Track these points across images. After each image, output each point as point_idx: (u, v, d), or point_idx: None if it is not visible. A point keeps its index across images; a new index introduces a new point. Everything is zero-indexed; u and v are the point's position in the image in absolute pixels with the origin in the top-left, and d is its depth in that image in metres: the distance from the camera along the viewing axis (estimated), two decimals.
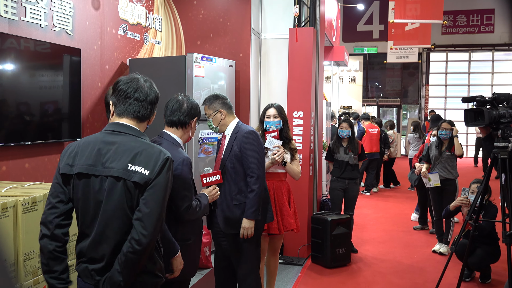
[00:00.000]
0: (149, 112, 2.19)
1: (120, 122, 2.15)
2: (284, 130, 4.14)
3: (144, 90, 2.16)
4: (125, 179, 2.01)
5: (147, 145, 2.09)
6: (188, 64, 4.70)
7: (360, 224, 7.42)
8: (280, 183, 4.11)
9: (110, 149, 2.07)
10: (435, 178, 6.00)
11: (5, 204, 2.54)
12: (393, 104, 20.30)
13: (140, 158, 2.03)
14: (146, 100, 2.16)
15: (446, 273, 4.32)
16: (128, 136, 2.11)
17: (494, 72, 18.87)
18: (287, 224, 4.01)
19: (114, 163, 2.03)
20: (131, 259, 1.98)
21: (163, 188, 2.04)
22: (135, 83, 2.16)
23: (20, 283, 2.63)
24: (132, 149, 2.06)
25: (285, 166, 4.05)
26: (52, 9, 3.90)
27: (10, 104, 3.49)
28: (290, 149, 4.14)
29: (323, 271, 5.35)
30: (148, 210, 1.99)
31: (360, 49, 18.16)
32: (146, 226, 1.97)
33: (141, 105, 2.16)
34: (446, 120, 6.28)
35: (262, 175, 3.43)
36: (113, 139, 2.10)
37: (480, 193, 4.08)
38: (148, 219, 1.98)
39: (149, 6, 5.43)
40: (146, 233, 1.97)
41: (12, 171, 3.56)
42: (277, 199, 4.04)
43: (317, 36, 6.02)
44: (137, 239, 1.96)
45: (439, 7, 10.08)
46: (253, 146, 3.42)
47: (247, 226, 3.39)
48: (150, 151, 2.06)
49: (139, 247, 1.96)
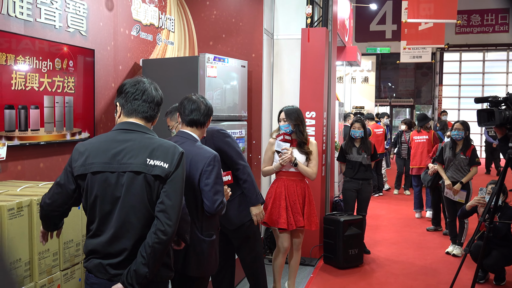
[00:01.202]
0: (155, 112, 2.30)
1: (131, 121, 2.23)
2: (296, 132, 4.27)
3: (151, 92, 2.26)
4: (145, 173, 2.09)
5: (161, 141, 2.20)
6: (201, 65, 4.72)
7: (373, 225, 7.38)
8: (293, 182, 4.29)
9: (125, 146, 2.14)
10: (461, 195, 5.95)
11: (20, 204, 2.57)
12: (406, 105, 20.16)
13: (158, 153, 2.13)
14: (153, 101, 2.26)
15: (460, 274, 4.28)
16: (141, 134, 2.20)
17: (508, 72, 18.66)
18: (296, 221, 4.22)
19: (132, 159, 2.11)
20: (158, 250, 2.06)
21: (181, 180, 2.16)
22: (142, 85, 2.25)
23: (35, 282, 2.65)
24: (148, 145, 2.15)
25: (296, 167, 4.24)
26: (66, 10, 3.93)
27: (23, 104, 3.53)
28: (305, 152, 4.29)
29: (335, 272, 5.33)
30: (171, 202, 2.09)
31: (373, 49, 18.07)
32: (171, 217, 2.08)
33: (149, 106, 2.25)
34: (459, 121, 6.23)
35: (245, 163, 3.58)
36: (126, 137, 2.18)
37: (494, 194, 4.05)
38: (171, 210, 2.09)
39: (162, 6, 5.45)
40: (171, 223, 2.07)
41: (27, 171, 3.60)
42: (288, 196, 4.24)
43: (330, 36, 6.00)
44: (163, 229, 2.06)
45: (453, 7, 10.00)
46: (226, 142, 3.51)
47: (256, 212, 3.63)
48: (166, 146, 2.17)
49: (165, 237, 2.06)
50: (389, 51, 17.99)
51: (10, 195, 2.74)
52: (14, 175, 3.47)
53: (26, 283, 2.61)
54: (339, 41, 8.25)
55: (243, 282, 4.72)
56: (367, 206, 5.96)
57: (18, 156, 3.50)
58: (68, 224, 2.88)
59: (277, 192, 4.26)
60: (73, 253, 2.95)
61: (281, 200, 4.21)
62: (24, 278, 2.60)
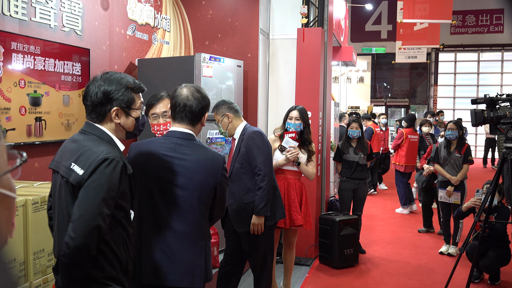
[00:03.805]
0: (97, 112, 2.09)
1: (87, 121, 2.12)
2: (305, 132, 4.37)
3: (89, 89, 2.09)
4: (67, 178, 1.95)
5: (98, 145, 1.99)
6: (196, 64, 4.71)
7: (368, 225, 7.39)
8: (292, 180, 4.31)
9: (71, 147, 2.04)
10: (456, 196, 5.97)
11: (15, 204, 2.55)
12: (402, 105, 20.21)
13: (82, 157, 1.95)
14: (88, 99, 2.10)
15: (455, 274, 4.30)
16: (90, 136, 2.05)
17: (503, 72, 18.74)
18: (294, 219, 4.22)
19: (64, 161, 2.01)
20: (64, 263, 1.86)
21: (95, 189, 1.90)
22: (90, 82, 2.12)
23: (30, 282, 2.64)
24: (81, 148, 1.98)
25: (299, 166, 4.28)
26: (61, 10, 3.92)
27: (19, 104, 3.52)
28: (308, 151, 4.34)
29: (331, 272, 5.34)
30: (78, 213, 1.86)
31: (368, 49, 18.11)
32: (76, 229, 1.84)
33: (90, 104, 2.10)
34: (452, 121, 6.29)
35: (269, 173, 3.54)
36: (78, 137, 2.08)
37: (489, 193, 4.06)
38: (77, 222, 1.85)
39: (158, 6, 5.44)
40: (74, 236, 1.83)
41: (22, 171, 3.57)
42: (287, 195, 4.25)
43: (325, 36, 6.01)
44: (66, 241, 1.84)
45: (448, 7, 10.04)
46: (258, 145, 3.53)
47: (256, 222, 3.55)
48: (93, 150, 1.95)
49: (68, 250, 1.83)
50: (384, 51, 18.04)
51: None
52: None
53: (21, 284, 2.60)
54: (334, 41, 8.27)
55: (242, 278, 4.71)
56: (363, 206, 5.97)
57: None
58: None
59: None
60: None
61: None
62: (18, 279, 2.58)
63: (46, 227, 2.80)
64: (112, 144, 2.03)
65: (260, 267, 3.69)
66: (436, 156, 6.20)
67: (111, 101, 2.05)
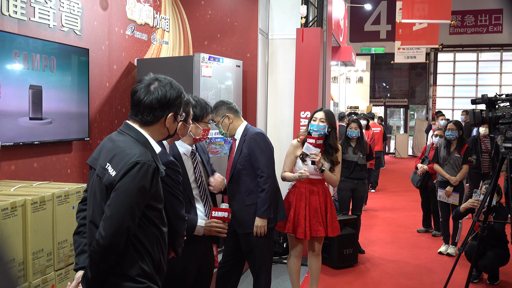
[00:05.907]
0: (152, 117, 2.12)
1: (126, 122, 2.16)
2: (331, 137, 4.03)
3: (139, 96, 2.11)
4: (101, 177, 2.01)
5: (133, 147, 2.02)
6: (196, 64, 4.71)
7: (367, 225, 7.39)
8: (315, 188, 4.08)
9: (108, 146, 2.09)
10: (454, 197, 5.97)
11: (14, 203, 2.55)
12: (401, 105, 20.22)
13: (116, 159, 1.99)
14: (141, 104, 2.12)
15: (454, 274, 4.30)
16: (127, 137, 2.09)
17: (502, 72, 18.75)
18: (316, 230, 4.03)
19: (101, 160, 2.06)
20: (93, 258, 1.96)
21: (127, 192, 1.95)
22: (135, 87, 2.15)
23: (29, 282, 2.64)
24: (116, 149, 2.03)
25: (322, 173, 4.00)
26: (60, 9, 3.91)
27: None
28: (331, 161, 4.04)
29: (330, 272, 5.34)
30: (110, 213, 1.94)
31: (367, 49, 18.11)
32: (106, 228, 1.92)
33: (137, 110, 2.12)
34: (452, 121, 6.30)
35: (271, 175, 3.53)
36: (116, 137, 2.12)
37: (488, 193, 4.07)
38: (108, 221, 1.93)
39: (157, 6, 5.44)
40: (104, 235, 1.91)
41: (21, 171, 3.58)
42: (308, 205, 4.04)
43: (325, 36, 6.01)
44: (97, 239, 1.93)
45: (447, 7, 10.06)
46: (260, 147, 3.52)
47: (260, 225, 3.52)
48: (127, 152, 2.00)
49: (98, 247, 1.92)
50: (383, 51, 18.06)
51: (3, 195, 2.72)
52: (8, 175, 3.45)
53: (20, 283, 2.60)
54: (333, 41, 8.27)
55: (242, 278, 4.71)
56: (362, 206, 5.97)
57: (12, 155, 3.49)
58: (62, 224, 2.87)
59: (297, 200, 4.06)
60: (67, 253, 2.94)
61: (300, 209, 4.02)
62: (18, 278, 2.58)
63: (46, 227, 2.81)
64: (147, 146, 2.07)
65: (259, 268, 3.68)
66: (435, 157, 6.21)
67: (170, 106, 2.13)
